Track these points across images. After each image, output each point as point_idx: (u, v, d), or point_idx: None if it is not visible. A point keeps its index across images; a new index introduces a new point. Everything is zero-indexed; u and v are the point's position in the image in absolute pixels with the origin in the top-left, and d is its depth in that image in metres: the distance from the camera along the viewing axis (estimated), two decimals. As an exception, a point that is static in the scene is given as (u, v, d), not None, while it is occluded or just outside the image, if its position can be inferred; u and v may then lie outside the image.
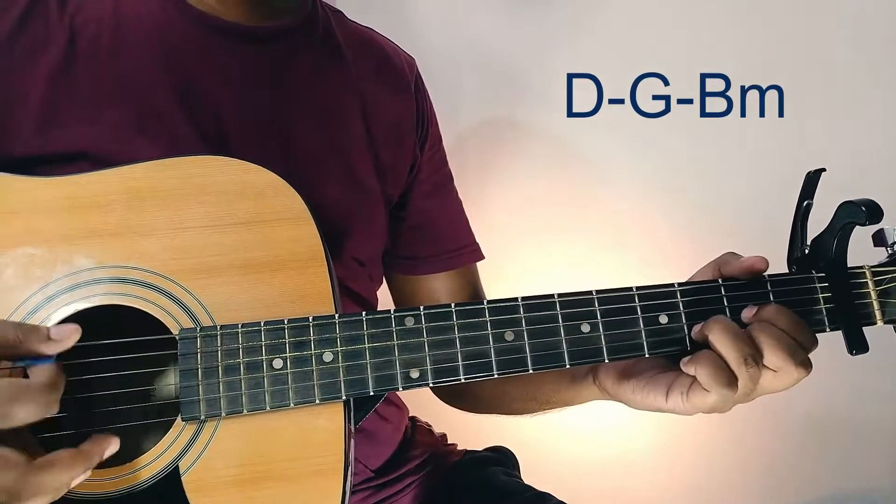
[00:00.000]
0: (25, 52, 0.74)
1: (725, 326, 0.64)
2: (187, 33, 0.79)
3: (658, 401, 0.68)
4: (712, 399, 0.64)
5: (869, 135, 1.58)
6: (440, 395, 1.04)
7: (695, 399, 0.65)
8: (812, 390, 1.56)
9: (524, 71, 1.49)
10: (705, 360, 0.63)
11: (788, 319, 0.64)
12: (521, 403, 0.92)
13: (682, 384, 0.66)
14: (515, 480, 0.98)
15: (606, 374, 0.75)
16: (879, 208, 0.63)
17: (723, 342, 0.63)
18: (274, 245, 0.65)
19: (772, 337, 0.63)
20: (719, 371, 0.63)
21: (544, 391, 0.87)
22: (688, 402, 0.66)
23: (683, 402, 0.66)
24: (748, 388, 0.64)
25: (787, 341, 0.63)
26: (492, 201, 1.48)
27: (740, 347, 0.62)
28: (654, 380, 0.69)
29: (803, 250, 0.68)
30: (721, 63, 1.54)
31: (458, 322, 0.64)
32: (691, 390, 0.65)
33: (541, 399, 0.88)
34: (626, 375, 0.73)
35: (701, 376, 0.63)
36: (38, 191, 0.64)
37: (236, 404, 0.61)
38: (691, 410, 0.66)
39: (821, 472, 1.67)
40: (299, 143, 0.83)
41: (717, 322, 0.64)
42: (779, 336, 0.63)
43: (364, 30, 0.96)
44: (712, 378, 0.62)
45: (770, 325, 0.64)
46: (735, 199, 1.55)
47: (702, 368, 0.63)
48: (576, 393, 0.82)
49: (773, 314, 0.65)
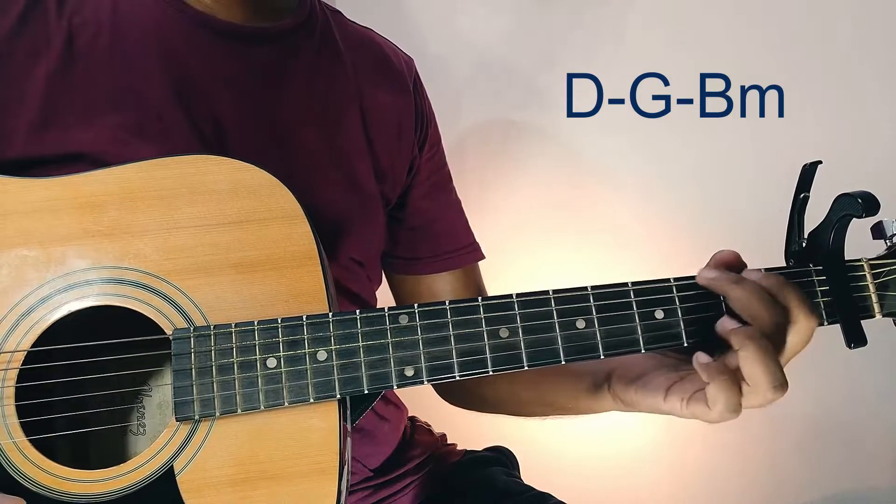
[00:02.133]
0: (24, 52, 0.73)
1: (764, 350, 0.61)
2: (186, 34, 0.79)
3: (657, 401, 0.68)
4: (714, 416, 0.63)
5: (869, 135, 1.58)
6: (445, 396, 1.03)
7: (695, 409, 0.64)
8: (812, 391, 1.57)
9: (524, 71, 1.49)
10: (724, 383, 0.61)
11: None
12: (534, 407, 0.91)
13: (683, 389, 0.66)
14: (515, 480, 0.98)
15: (618, 381, 0.75)
16: (876, 200, 0.63)
17: (758, 368, 0.60)
18: (267, 244, 0.65)
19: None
20: (734, 397, 0.61)
21: (561, 397, 0.86)
22: (687, 409, 0.65)
23: (682, 407, 0.65)
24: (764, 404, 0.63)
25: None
26: (491, 201, 1.48)
27: (775, 374, 0.60)
28: (657, 382, 0.69)
29: (800, 244, 0.68)
30: (721, 63, 1.54)
31: (452, 319, 0.63)
32: (693, 399, 0.64)
33: (556, 405, 0.87)
34: (633, 380, 0.72)
35: (713, 394, 0.61)
36: (30, 192, 0.64)
37: (230, 404, 0.61)
38: (689, 417, 0.66)
39: (821, 472, 1.66)
40: (298, 144, 0.83)
41: (753, 341, 0.61)
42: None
43: (363, 30, 0.96)
44: (725, 403, 0.61)
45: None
46: (735, 199, 1.55)
47: (719, 392, 0.61)
48: (594, 402, 0.80)
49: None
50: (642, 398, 0.70)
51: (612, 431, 1.56)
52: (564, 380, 0.84)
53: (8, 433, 0.60)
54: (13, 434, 0.61)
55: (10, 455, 0.60)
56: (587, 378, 0.80)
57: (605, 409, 0.80)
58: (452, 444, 1.05)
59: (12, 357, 0.61)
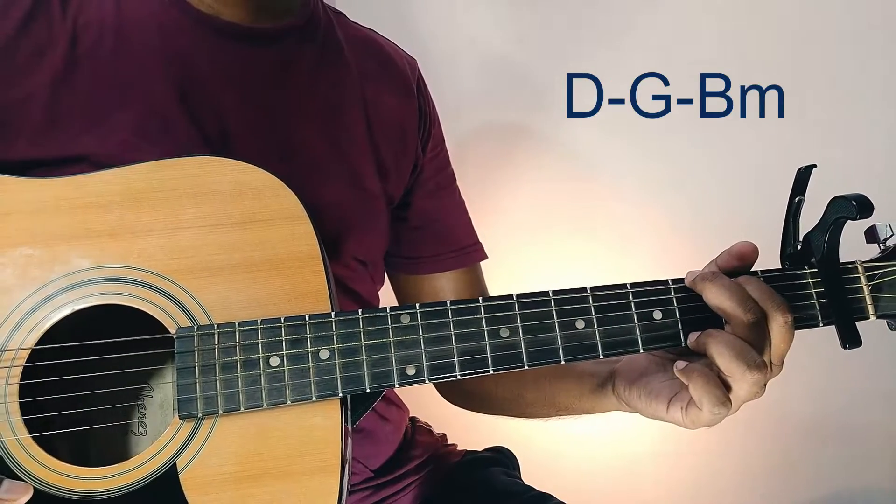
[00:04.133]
0: (28, 53, 0.74)
1: (726, 340, 0.63)
2: (190, 35, 0.79)
3: (660, 411, 0.69)
4: (706, 415, 0.63)
5: (869, 135, 1.58)
6: (447, 396, 1.04)
7: (692, 415, 0.65)
8: (811, 392, 1.57)
9: (524, 71, 1.50)
10: (701, 379, 0.62)
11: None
12: (537, 408, 0.91)
13: (682, 398, 0.66)
14: (516, 481, 0.98)
15: (620, 381, 0.75)
16: (870, 202, 0.63)
17: (723, 356, 0.62)
18: (271, 244, 0.66)
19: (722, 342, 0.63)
20: (714, 390, 0.62)
21: (565, 398, 0.86)
22: (686, 417, 0.66)
23: (683, 416, 0.66)
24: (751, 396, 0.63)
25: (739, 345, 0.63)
26: (492, 201, 1.48)
27: (745, 356, 0.62)
28: (658, 389, 0.69)
29: (795, 246, 0.68)
30: (721, 63, 1.54)
31: (453, 319, 0.64)
32: (690, 405, 0.65)
33: (561, 405, 0.87)
34: (635, 381, 0.73)
35: (697, 395, 0.63)
36: (34, 192, 0.65)
37: (233, 402, 0.62)
38: (690, 426, 0.66)
39: (821, 472, 1.66)
40: (301, 144, 0.83)
41: (713, 336, 0.63)
42: (729, 341, 0.63)
43: (366, 31, 0.96)
44: (709, 399, 0.62)
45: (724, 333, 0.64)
46: (735, 198, 1.55)
47: (699, 389, 0.62)
48: (597, 402, 0.81)
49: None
50: (646, 406, 0.71)
51: (612, 432, 1.56)
52: (569, 380, 0.84)
53: (12, 430, 0.61)
54: (17, 431, 0.61)
55: (13, 452, 0.61)
56: (591, 378, 0.80)
57: (609, 409, 0.80)
58: (453, 444, 1.05)
59: (16, 355, 0.62)
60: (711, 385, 0.62)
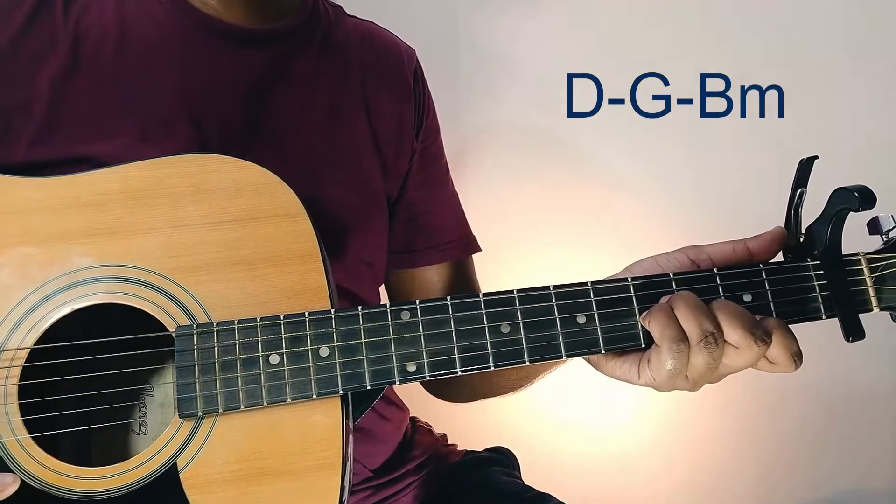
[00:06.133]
0: (31, 56, 0.74)
1: (689, 301, 0.62)
2: (190, 36, 0.79)
3: (625, 370, 0.67)
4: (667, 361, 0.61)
5: (869, 135, 1.58)
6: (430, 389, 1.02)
7: (655, 363, 0.63)
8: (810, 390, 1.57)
9: (524, 71, 1.50)
10: (657, 312, 0.62)
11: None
12: (513, 382, 0.89)
13: (647, 354, 0.65)
14: (516, 481, 0.98)
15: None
16: (872, 194, 0.63)
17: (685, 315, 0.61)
18: (270, 242, 0.66)
19: (731, 313, 0.62)
20: (670, 323, 0.61)
21: (535, 368, 0.82)
22: (650, 367, 0.64)
23: (648, 369, 0.64)
24: (710, 365, 0.61)
25: (746, 316, 0.62)
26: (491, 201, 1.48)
27: (701, 322, 0.61)
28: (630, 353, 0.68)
29: (798, 238, 0.68)
30: (721, 63, 1.54)
31: (453, 315, 0.64)
32: (652, 353, 0.63)
33: (532, 375, 0.85)
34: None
35: (653, 329, 0.62)
36: (34, 190, 0.65)
37: (233, 400, 0.61)
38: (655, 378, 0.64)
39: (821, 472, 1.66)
40: (304, 144, 0.83)
41: (680, 297, 0.63)
42: (738, 311, 0.62)
43: (363, 23, 0.96)
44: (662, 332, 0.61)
45: (729, 301, 0.63)
46: (735, 198, 1.55)
47: (654, 321, 0.62)
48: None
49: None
50: (613, 367, 0.69)
51: (612, 431, 1.56)
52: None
53: (11, 431, 0.61)
54: (16, 431, 0.61)
55: (13, 452, 0.61)
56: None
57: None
58: (453, 444, 1.05)
59: (15, 355, 0.61)
60: (670, 318, 0.62)
